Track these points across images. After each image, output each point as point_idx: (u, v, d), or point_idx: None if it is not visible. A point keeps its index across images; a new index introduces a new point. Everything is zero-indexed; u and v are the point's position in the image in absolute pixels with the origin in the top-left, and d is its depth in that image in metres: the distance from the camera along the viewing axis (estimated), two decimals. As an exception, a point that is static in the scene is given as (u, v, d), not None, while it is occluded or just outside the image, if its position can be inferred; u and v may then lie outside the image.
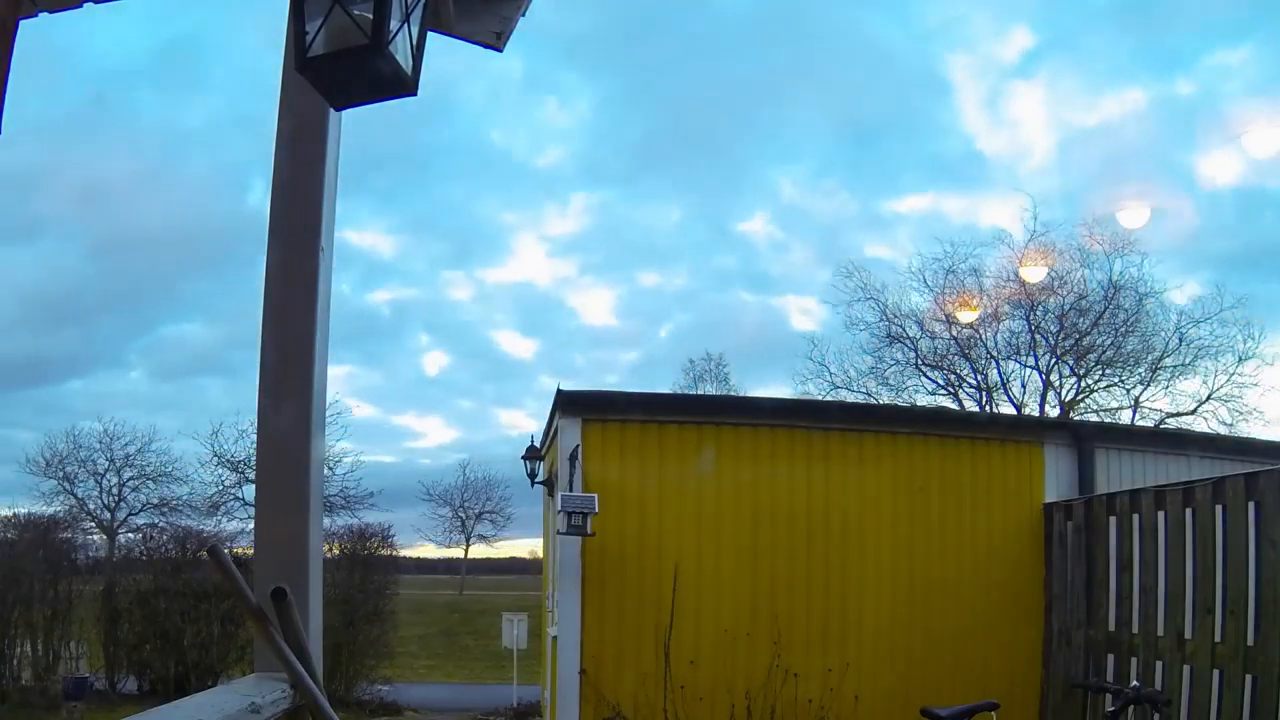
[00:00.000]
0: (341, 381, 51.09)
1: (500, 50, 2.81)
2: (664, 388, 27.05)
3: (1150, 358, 22.26)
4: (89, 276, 37.35)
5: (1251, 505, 4.93)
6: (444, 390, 53.87)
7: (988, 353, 23.53)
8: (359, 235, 44.17)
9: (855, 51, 30.88)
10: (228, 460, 25.50)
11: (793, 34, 31.82)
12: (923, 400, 23.54)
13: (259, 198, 44.87)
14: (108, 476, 26.76)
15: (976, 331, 23.28)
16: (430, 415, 60.80)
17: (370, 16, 1.72)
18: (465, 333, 47.78)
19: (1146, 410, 22.60)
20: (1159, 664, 5.50)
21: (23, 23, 1.68)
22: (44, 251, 38.04)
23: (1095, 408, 22.79)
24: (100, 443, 26.36)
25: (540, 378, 51.77)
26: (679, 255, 42.09)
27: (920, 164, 34.57)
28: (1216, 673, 5.03)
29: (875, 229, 33.10)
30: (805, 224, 34.59)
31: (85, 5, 2.44)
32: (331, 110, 2.29)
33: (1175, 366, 22.21)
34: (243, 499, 24.89)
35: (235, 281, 47.98)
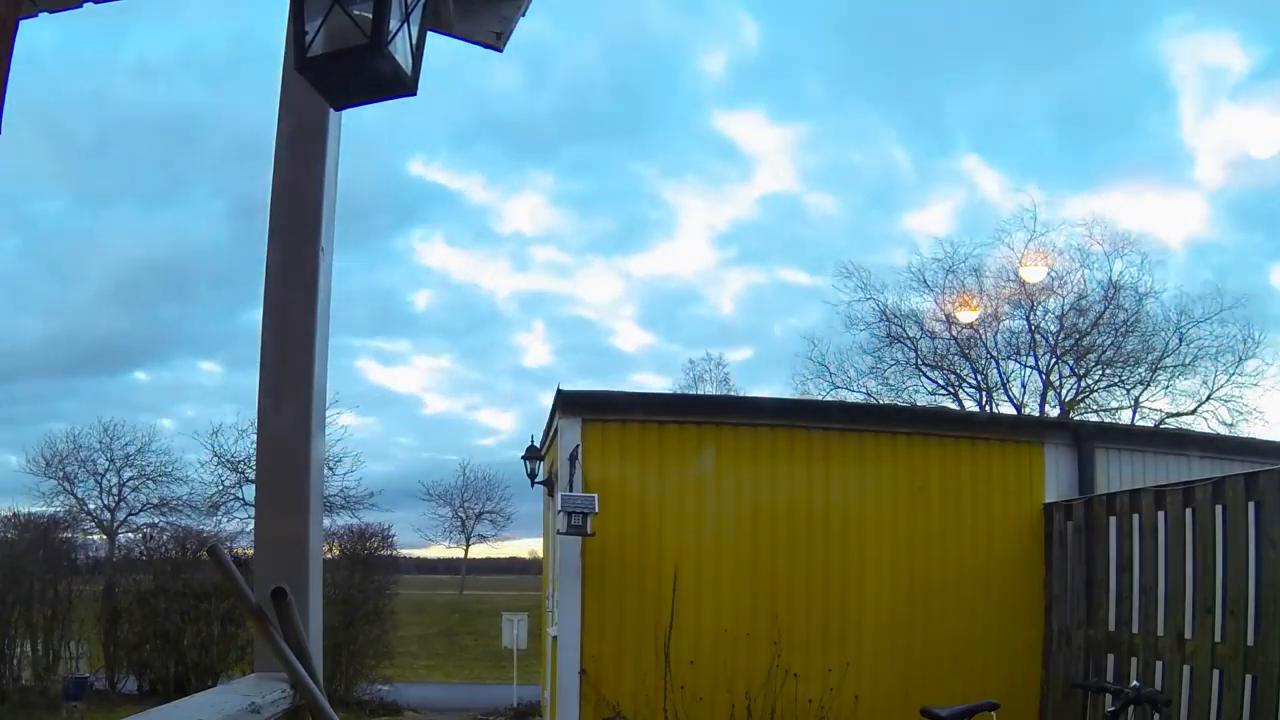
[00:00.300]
0: (434, 375, 49.23)
1: (500, 50, 2.81)
2: (765, 390, 25.84)
3: (1150, 358, 22.31)
4: (214, 245, 35.53)
5: (1251, 505, 4.93)
6: (535, 384, 52.46)
7: (988, 353, 23.57)
8: (512, 216, 42.81)
9: (1084, 41, 29.48)
10: (228, 460, 25.55)
11: (1027, 21, 30.12)
12: (923, 400, 23.58)
13: (420, 166, 42.98)
14: (108, 476, 26.84)
15: (976, 331, 23.30)
16: (509, 410, 58.40)
17: (370, 16, 1.72)
18: (581, 325, 45.55)
19: (1146, 410, 22.64)
20: (1159, 664, 5.50)
21: (22, 23, 1.68)
22: (178, 216, 36.02)
23: (1095, 408, 22.84)
24: (100, 443, 26.43)
25: (638, 374, 49.70)
26: (835, 250, 40.17)
27: (1117, 164, 32.69)
28: (1216, 673, 5.03)
29: (1051, 230, 31.69)
30: (976, 220, 33.39)
31: (85, 5, 2.44)
32: (331, 110, 2.29)
33: (1175, 366, 22.26)
34: (243, 499, 24.92)
35: (366, 255, 43.36)
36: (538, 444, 9.63)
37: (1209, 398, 22.19)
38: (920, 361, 23.75)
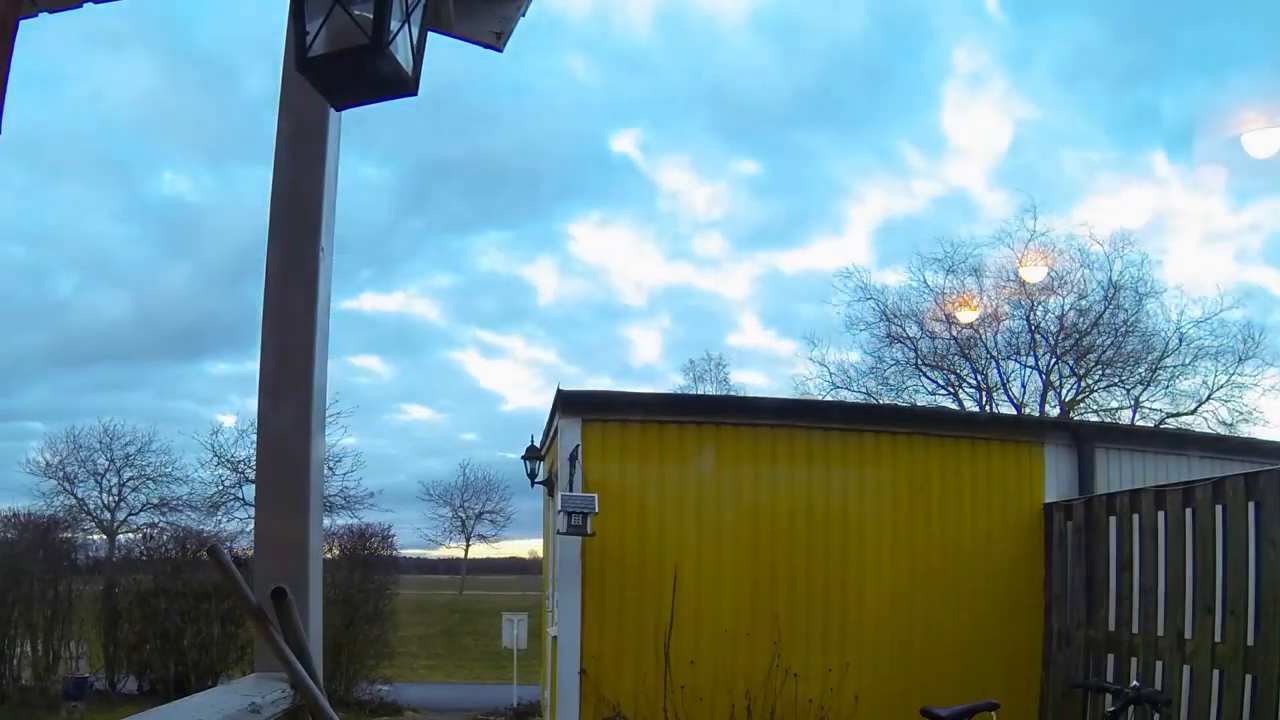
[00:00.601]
0: (533, 369, 46.42)
1: (500, 50, 2.80)
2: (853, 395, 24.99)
3: (1150, 358, 22.31)
4: (364, 220, 32.21)
5: (1251, 505, 4.93)
6: (630, 382, 49.23)
7: (988, 353, 23.57)
8: (695, 201, 38.73)
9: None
10: (228, 460, 25.54)
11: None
12: (923, 400, 23.58)
13: (624, 142, 40.54)
14: (108, 476, 26.81)
15: (976, 331, 23.30)
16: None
17: (370, 16, 1.72)
18: (706, 321, 41.92)
19: (1146, 410, 22.64)
20: (1159, 664, 5.50)
21: (22, 23, 1.68)
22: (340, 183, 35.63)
23: (1095, 408, 22.84)
24: (100, 443, 26.42)
25: (736, 371, 48.38)
26: (980, 251, 38.15)
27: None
28: (1216, 673, 5.03)
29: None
30: (1142, 222, 30.63)
31: (85, 5, 2.44)
32: (332, 110, 2.29)
33: (1175, 366, 22.26)
34: (243, 499, 24.91)
35: (524, 237, 41.61)
36: (538, 444, 9.63)
37: (1209, 398, 22.21)
38: (920, 361, 23.77)
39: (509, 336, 49.38)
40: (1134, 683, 4.94)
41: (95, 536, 24.47)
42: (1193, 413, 22.29)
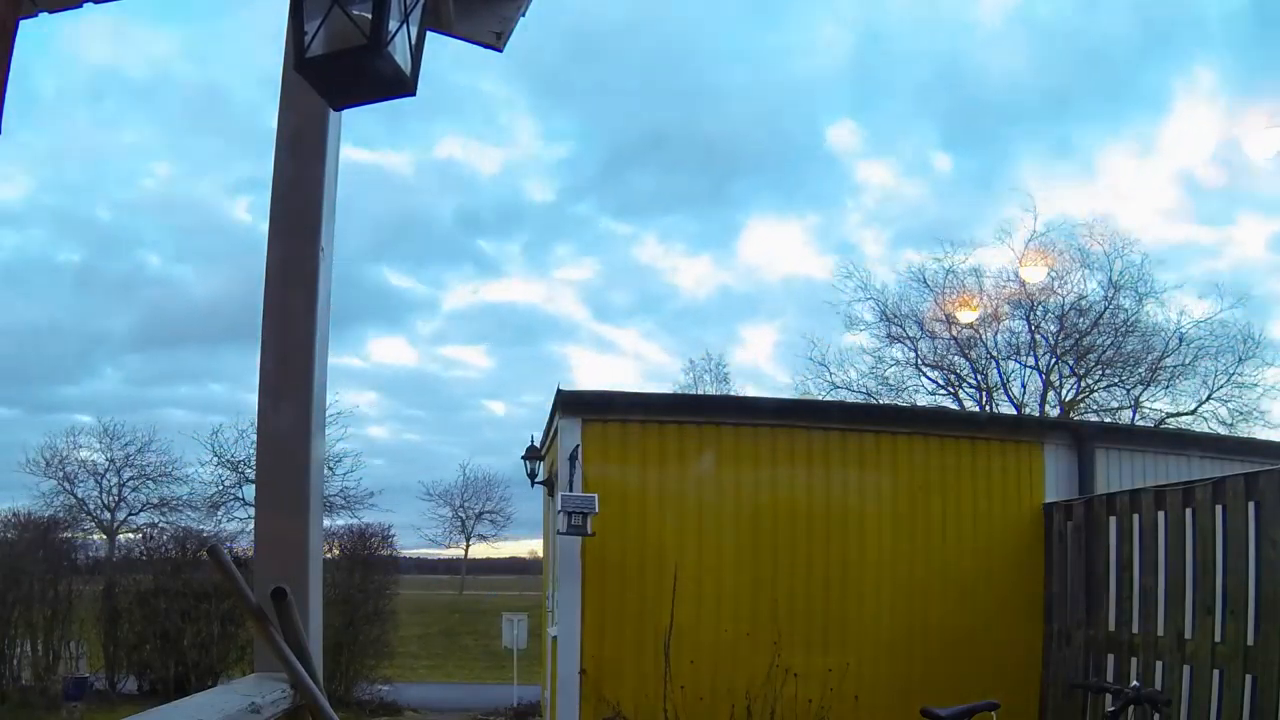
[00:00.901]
0: (635, 365, 43.69)
1: (500, 50, 2.80)
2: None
3: (1150, 358, 22.28)
4: (510, 202, 31.43)
5: (1251, 505, 4.93)
6: (723, 382, 48.62)
7: (988, 353, 23.55)
8: (880, 200, 35.41)
9: None
10: (228, 460, 25.54)
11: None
12: (923, 400, 23.56)
13: (842, 132, 36.63)
14: (108, 476, 26.82)
15: (976, 331, 23.29)
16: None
17: (369, 17, 1.72)
18: (824, 318, 40.05)
19: (1146, 410, 22.63)
20: (1159, 664, 5.50)
21: (23, 23, 1.68)
22: (497, 160, 31.83)
23: (1095, 408, 22.82)
24: (100, 443, 26.43)
25: (829, 370, 47.21)
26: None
27: None
28: (1216, 673, 5.03)
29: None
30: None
31: (85, 5, 2.44)
32: (332, 110, 2.29)
33: (1175, 366, 22.23)
34: (243, 499, 24.91)
35: (697, 228, 37.68)
36: (538, 444, 9.63)
37: (1209, 398, 22.20)
38: (920, 361, 23.77)
39: (625, 330, 46.21)
40: (1134, 683, 4.94)
41: (95, 536, 24.49)
42: (1193, 413, 22.29)
